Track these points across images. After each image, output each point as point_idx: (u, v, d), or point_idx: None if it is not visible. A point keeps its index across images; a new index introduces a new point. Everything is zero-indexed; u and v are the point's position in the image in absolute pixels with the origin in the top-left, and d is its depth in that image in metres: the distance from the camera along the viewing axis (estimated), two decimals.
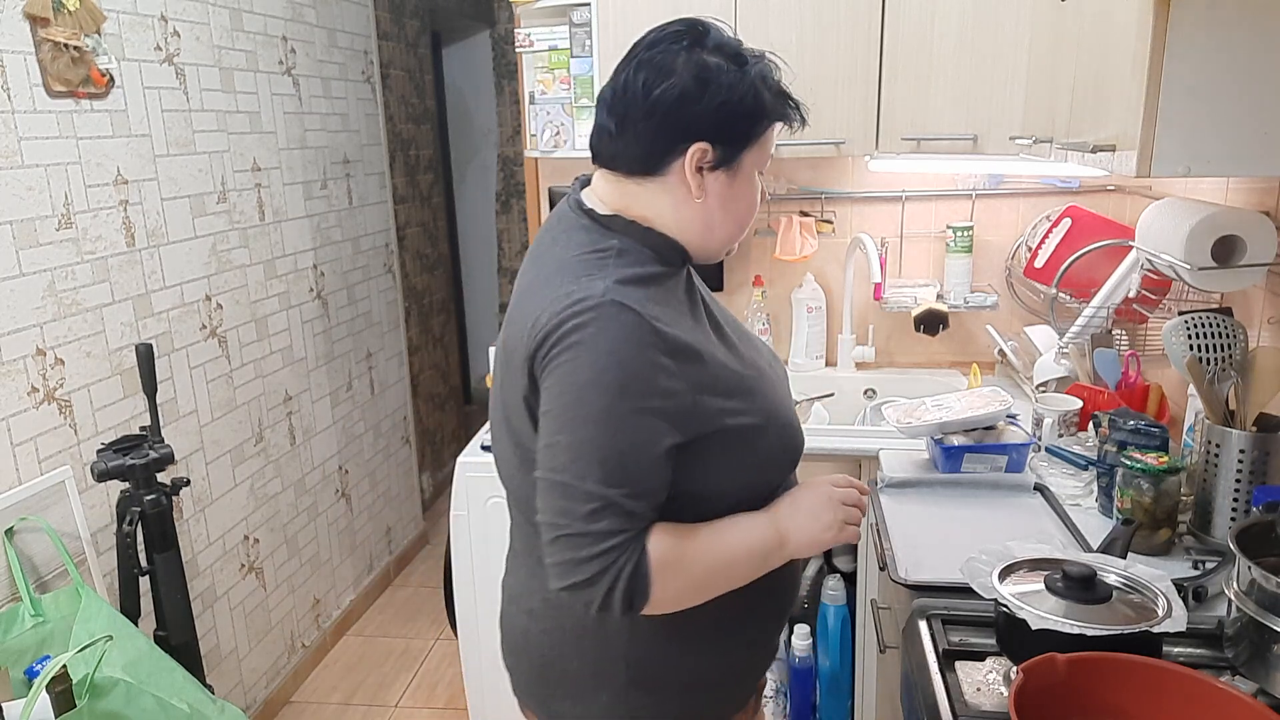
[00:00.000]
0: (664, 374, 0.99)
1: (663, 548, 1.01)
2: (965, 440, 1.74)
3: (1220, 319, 1.54)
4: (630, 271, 1.03)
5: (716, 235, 1.10)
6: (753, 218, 1.13)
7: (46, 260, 1.83)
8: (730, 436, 1.05)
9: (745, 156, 1.06)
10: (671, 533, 1.03)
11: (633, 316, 0.98)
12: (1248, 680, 1.06)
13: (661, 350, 0.99)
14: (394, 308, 3.54)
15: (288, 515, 2.75)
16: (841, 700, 2.19)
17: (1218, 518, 1.42)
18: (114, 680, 1.53)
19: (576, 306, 0.98)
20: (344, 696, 2.76)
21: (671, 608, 1.04)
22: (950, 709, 1.05)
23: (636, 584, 0.99)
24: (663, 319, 1.01)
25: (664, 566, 1.00)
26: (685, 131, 1.03)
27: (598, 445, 0.97)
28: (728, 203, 1.08)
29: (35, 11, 1.78)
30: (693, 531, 1.05)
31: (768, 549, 1.09)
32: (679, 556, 1.02)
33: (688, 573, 1.03)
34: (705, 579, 1.06)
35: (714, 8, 2.06)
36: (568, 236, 1.09)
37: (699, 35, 1.05)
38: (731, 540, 1.07)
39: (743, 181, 1.08)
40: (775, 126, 1.08)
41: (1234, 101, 1.09)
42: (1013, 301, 2.44)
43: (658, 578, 1.00)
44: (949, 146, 2.00)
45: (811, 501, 1.11)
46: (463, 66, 4.90)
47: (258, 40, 2.57)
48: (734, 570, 1.08)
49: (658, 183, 1.06)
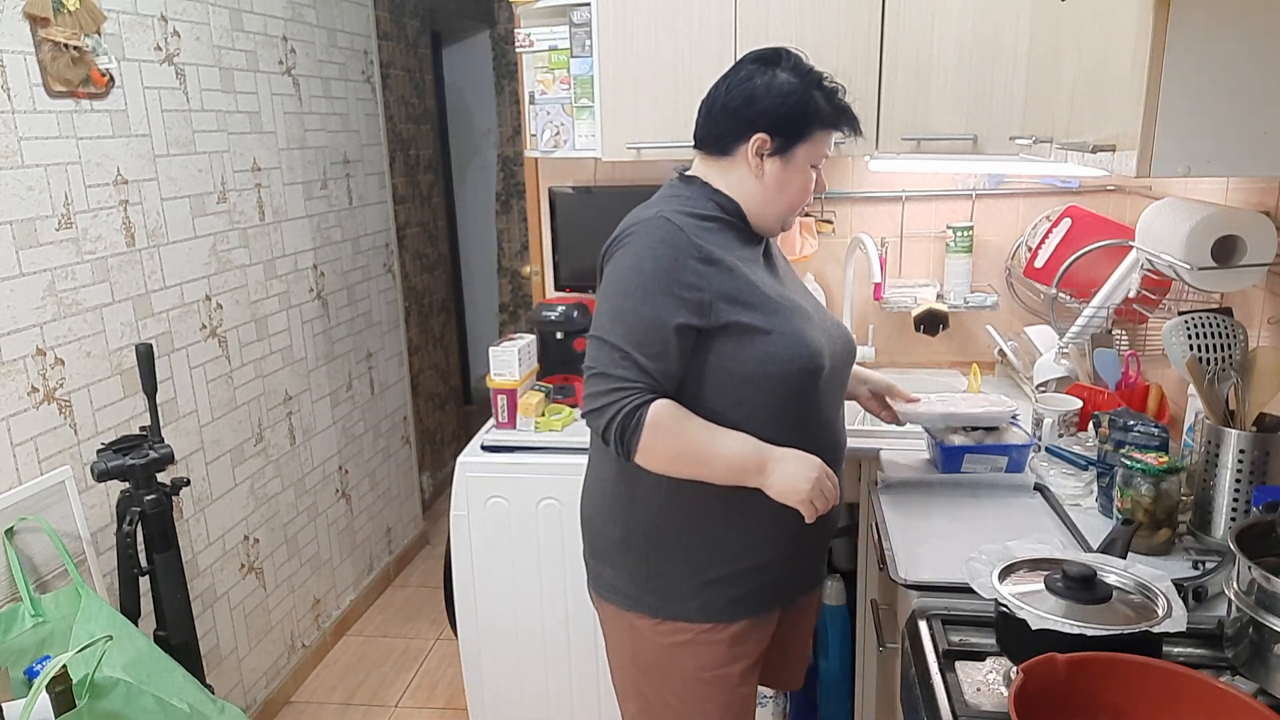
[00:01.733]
0: (691, 272, 1.30)
1: (662, 410, 1.29)
2: (965, 440, 1.74)
3: (1220, 319, 1.54)
4: (690, 208, 1.36)
5: (771, 209, 1.40)
6: (804, 200, 1.42)
7: (46, 260, 1.83)
8: (739, 329, 1.32)
9: (798, 150, 1.36)
10: (676, 406, 1.31)
11: (674, 228, 1.31)
12: (1248, 680, 1.06)
13: (694, 256, 1.30)
14: (394, 308, 3.54)
15: (288, 515, 2.75)
16: (841, 700, 2.19)
17: (1218, 518, 1.42)
18: (114, 680, 1.53)
19: (634, 220, 1.36)
20: (344, 696, 2.76)
21: (654, 463, 1.32)
22: (950, 709, 1.05)
23: (629, 424, 1.28)
24: (706, 239, 1.32)
25: (657, 423, 1.28)
26: (751, 124, 1.35)
27: (626, 311, 1.30)
28: (781, 184, 1.38)
29: (35, 11, 1.78)
30: (693, 416, 1.32)
31: (746, 464, 1.32)
32: (672, 422, 1.30)
33: (673, 439, 1.30)
34: (685, 452, 1.31)
35: (715, 8, 2.06)
36: (660, 192, 1.45)
37: (776, 58, 1.37)
38: (720, 437, 1.32)
39: (795, 170, 1.38)
40: (830, 132, 1.38)
41: (1234, 101, 1.09)
42: (1013, 301, 2.44)
43: (649, 429, 1.28)
44: (949, 146, 2.00)
45: (804, 465, 1.33)
46: (463, 66, 4.89)
47: (258, 40, 2.57)
48: (712, 460, 1.32)
49: (729, 161, 1.39)
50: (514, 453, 2.10)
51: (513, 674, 2.18)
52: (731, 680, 1.46)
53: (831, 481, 1.35)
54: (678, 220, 1.32)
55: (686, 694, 1.46)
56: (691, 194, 1.39)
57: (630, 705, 1.55)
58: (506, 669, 2.19)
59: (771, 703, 2.26)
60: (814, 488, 1.31)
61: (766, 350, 1.33)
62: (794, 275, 1.54)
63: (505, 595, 2.14)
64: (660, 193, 1.44)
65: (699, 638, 1.43)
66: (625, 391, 1.29)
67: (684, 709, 1.47)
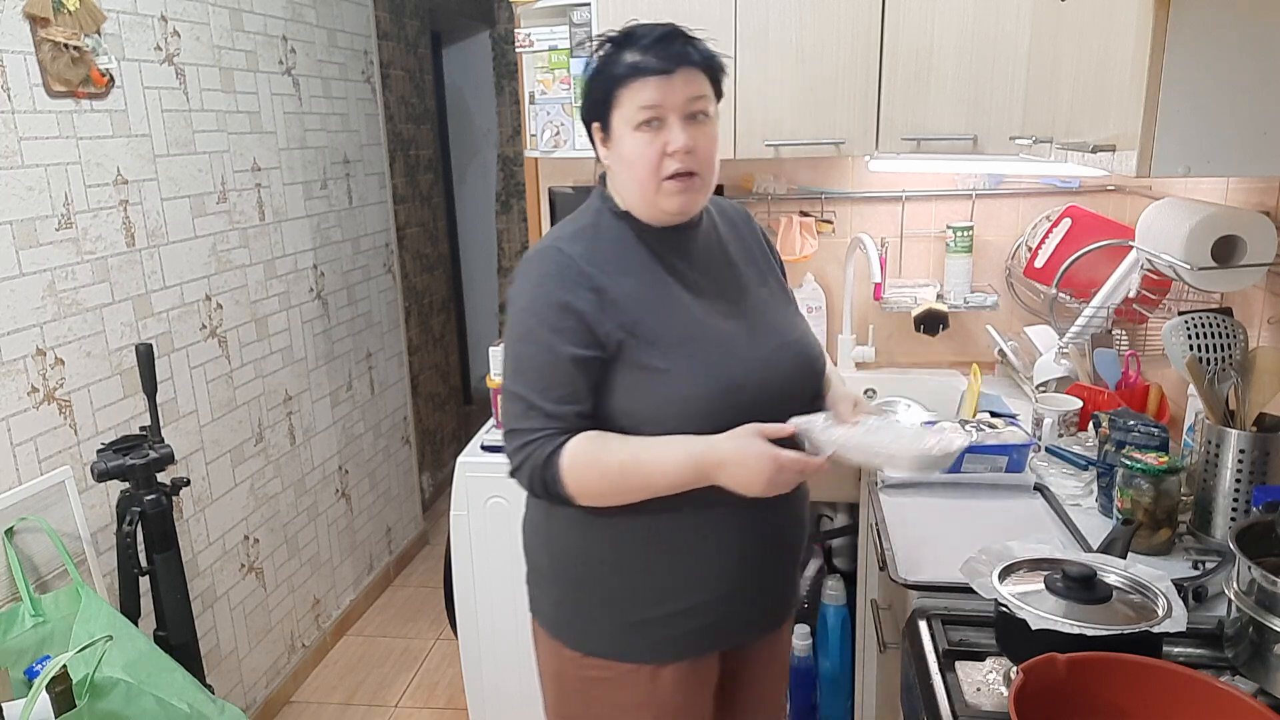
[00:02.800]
0: (582, 302, 1.19)
1: (577, 447, 1.20)
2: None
3: (1220, 319, 1.54)
4: (591, 221, 1.28)
5: (636, 194, 1.25)
6: (649, 168, 1.21)
7: (46, 260, 1.83)
8: (638, 369, 1.21)
9: (613, 121, 1.22)
10: (591, 438, 1.21)
11: (562, 259, 1.22)
12: (1248, 680, 1.06)
13: (584, 286, 1.20)
14: (394, 308, 3.54)
15: (288, 515, 2.75)
16: (841, 700, 2.19)
17: (1218, 518, 1.42)
18: (114, 680, 1.53)
19: (529, 252, 1.28)
20: (344, 696, 2.76)
21: (592, 499, 1.22)
22: (950, 709, 1.05)
23: (548, 475, 1.20)
24: (598, 264, 1.22)
25: (574, 464, 1.20)
26: (586, 121, 1.28)
27: (523, 358, 1.23)
28: (620, 163, 1.24)
29: (35, 11, 1.78)
30: (614, 437, 1.22)
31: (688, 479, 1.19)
32: (590, 459, 1.20)
33: (596, 475, 1.21)
34: (618, 484, 1.21)
35: (714, 8, 2.06)
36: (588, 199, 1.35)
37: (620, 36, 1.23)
38: (649, 456, 1.20)
39: (620, 141, 1.22)
40: (635, 80, 1.19)
41: (1234, 101, 1.09)
42: (1013, 301, 2.44)
43: (568, 473, 1.20)
44: (949, 146, 2.00)
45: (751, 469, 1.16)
46: (463, 66, 4.89)
47: (258, 40, 2.57)
48: (650, 485, 1.21)
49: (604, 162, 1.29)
50: None
51: (513, 674, 2.18)
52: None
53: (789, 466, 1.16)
54: (570, 248, 1.23)
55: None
56: (600, 204, 1.29)
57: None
58: (506, 669, 2.18)
59: None
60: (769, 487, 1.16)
61: (665, 392, 1.21)
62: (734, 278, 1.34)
63: (505, 595, 2.14)
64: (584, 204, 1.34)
65: (622, 677, 1.32)
66: (534, 444, 1.21)
67: None
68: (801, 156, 2.26)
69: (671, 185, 1.21)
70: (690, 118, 1.21)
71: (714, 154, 1.25)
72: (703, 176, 1.23)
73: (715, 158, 1.26)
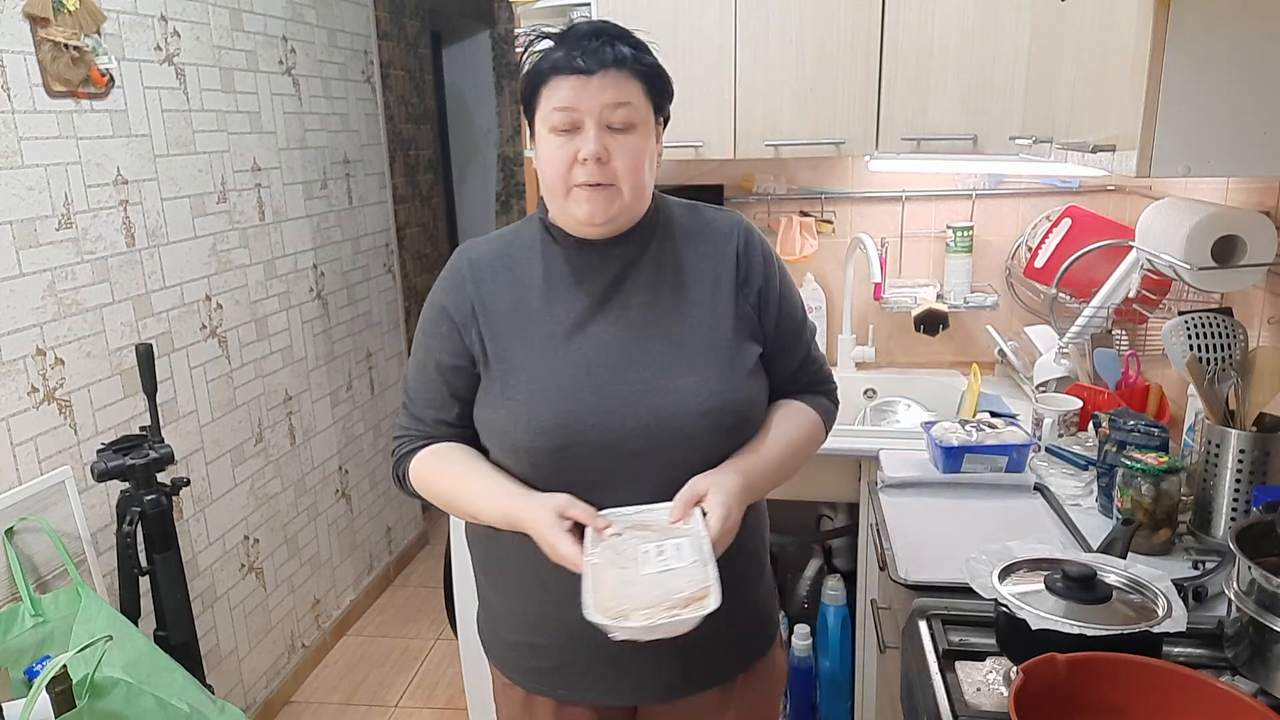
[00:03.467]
0: (454, 310, 1.17)
1: (422, 459, 1.21)
2: (963, 442, 1.74)
3: (1220, 319, 1.54)
4: (508, 234, 1.23)
5: (549, 197, 1.16)
6: (558, 172, 1.10)
7: (46, 260, 1.83)
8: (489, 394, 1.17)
9: (535, 122, 1.14)
10: (438, 451, 1.21)
11: (461, 261, 1.21)
12: (1248, 680, 1.06)
13: (467, 292, 1.18)
14: (394, 308, 3.54)
15: (288, 515, 2.75)
16: (841, 700, 2.19)
17: (1218, 518, 1.42)
18: (114, 680, 1.53)
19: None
20: (344, 696, 2.75)
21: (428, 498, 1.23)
22: (950, 709, 1.05)
23: (399, 475, 1.24)
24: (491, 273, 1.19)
25: (418, 472, 1.22)
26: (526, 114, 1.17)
27: (413, 359, 1.25)
28: (540, 166, 1.14)
29: (35, 11, 1.78)
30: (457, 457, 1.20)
31: (495, 517, 1.15)
32: (429, 474, 1.21)
33: (429, 491, 1.22)
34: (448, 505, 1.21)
35: (714, 8, 2.06)
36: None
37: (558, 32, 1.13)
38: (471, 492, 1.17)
39: (539, 143, 1.13)
40: (553, 78, 1.10)
41: (1234, 101, 1.09)
42: (1013, 301, 2.44)
43: (414, 479, 1.22)
44: (949, 146, 2.00)
45: (536, 529, 1.07)
46: (463, 66, 4.89)
47: (258, 40, 2.57)
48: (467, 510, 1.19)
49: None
50: None
51: None
52: None
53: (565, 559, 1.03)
54: (473, 253, 1.21)
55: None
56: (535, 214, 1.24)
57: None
58: None
59: None
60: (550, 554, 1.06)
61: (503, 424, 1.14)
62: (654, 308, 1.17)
63: None
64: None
65: (501, 688, 1.31)
66: (399, 440, 1.25)
67: None
68: (801, 156, 2.26)
69: (580, 193, 1.10)
70: (609, 127, 1.08)
71: (638, 167, 1.11)
72: (620, 189, 1.10)
73: (640, 171, 1.11)
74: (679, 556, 1.03)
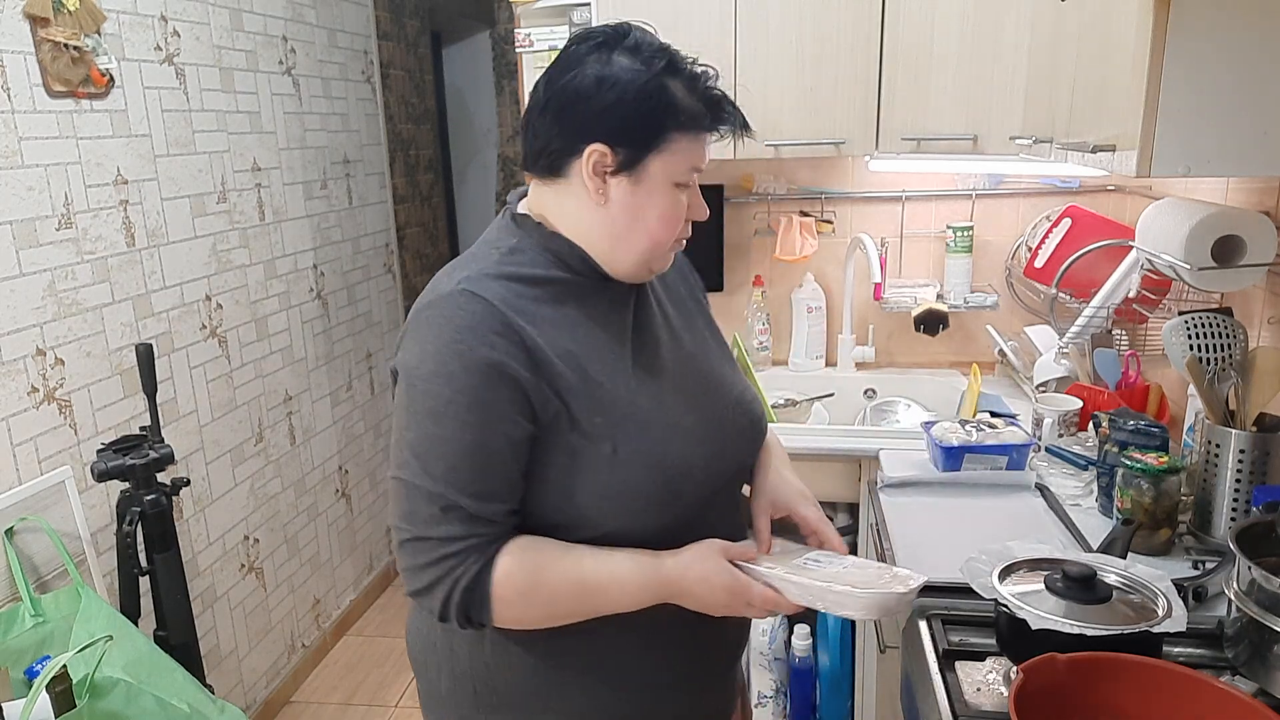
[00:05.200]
0: (511, 362, 0.92)
1: (512, 564, 0.94)
2: (964, 442, 1.74)
3: (1220, 319, 1.54)
4: (511, 269, 0.99)
5: (625, 248, 1.01)
6: (674, 234, 1.02)
7: (46, 260, 1.83)
8: (574, 452, 0.96)
9: (651, 163, 0.98)
10: (526, 550, 0.96)
11: (481, 305, 0.93)
12: (1248, 680, 1.06)
13: (512, 341, 0.93)
14: (394, 308, 3.54)
15: (288, 515, 2.75)
16: (841, 700, 2.19)
17: (1218, 518, 1.42)
18: (114, 680, 1.53)
19: (429, 296, 0.96)
20: (344, 696, 2.76)
21: (516, 626, 0.99)
22: (950, 709, 1.05)
23: (473, 598, 0.94)
24: (529, 316, 0.96)
25: (509, 583, 0.94)
26: (580, 130, 0.97)
27: (438, 440, 0.92)
28: (634, 213, 0.99)
29: (35, 11, 1.78)
30: (557, 549, 0.97)
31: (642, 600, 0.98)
32: (528, 583, 0.95)
33: (535, 602, 0.96)
34: (556, 612, 0.98)
35: (714, 8, 2.06)
36: (485, 234, 1.07)
37: (616, 36, 0.99)
38: (597, 574, 0.97)
39: (651, 190, 0.99)
40: (700, 136, 0.99)
41: (1234, 101, 1.09)
42: (1013, 301, 2.44)
43: (499, 603, 0.94)
44: (949, 146, 2.00)
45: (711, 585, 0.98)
46: (463, 66, 4.89)
47: (258, 40, 2.57)
48: (597, 608, 0.98)
49: (562, 185, 1.00)
50: None
51: None
52: None
53: (759, 604, 0.98)
54: (486, 291, 0.95)
55: None
56: (519, 243, 1.01)
57: None
58: None
59: (771, 703, 2.26)
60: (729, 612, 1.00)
61: (608, 479, 0.97)
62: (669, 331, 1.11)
63: None
64: (483, 238, 1.06)
65: None
66: (457, 557, 0.93)
67: None
68: (801, 156, 2.26)
69: (673, 247, 1.04)
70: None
71: None
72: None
73: None
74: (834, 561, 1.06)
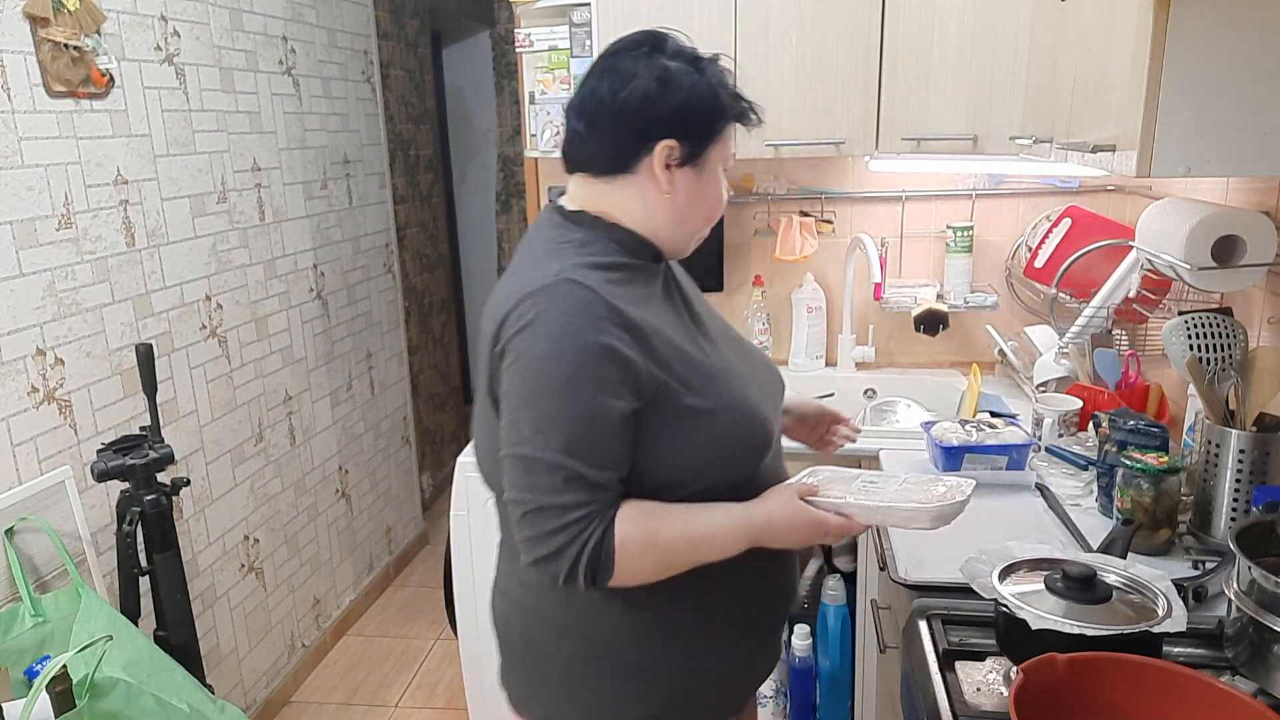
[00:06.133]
0: (619, 344, 1.04)
1: (631, 527, 1.05)
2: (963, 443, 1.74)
3: (1220, 319, 1.54)
4: (589, 259, 1.09)
5: (686, 228, 1.17)
6: (720, 212, 1.19)
7: (46, 260, 1.83)
8: (681, 415, 1.09)
9: (710, 153, 1.13)
10: (640, 508, 1.07)
11: (586, 293, 1.04)
12: (1248, 680, 1.06)
13: (616, 323, 1.04)
14: (394, 308, 3.54)
15: (288, 515, 2.75)
16: (841, 700, 2.19)
17: (1218, 518, 1.42)
18: (114, 680, 1.53)
19: (532, 287, 1.05)
20: (344, 696, 2.76)
21: (633, 582, 1.08)
22: (950, 709, 1.05)
23: (600, 557, 1.03)
24: (621, 299, 1.06)
25: (629, 542, 1.05)
26: (651, 130, 1.10)
27: (557, 415, 1.02)
28: (695, 197, 1.15)
29: (35, 11, 1.78)
30: (662, 509, 1.09)
31: (738, 545, 1.11)
32: (646, 539, 1.06)
33: (653, 555, 1.07)
34: (670, 562, 1.09)
35: (714, 9, 2.06)
36: (539, 234, 1.17)
37: (657, 43, 1.12)
38: (699, 527, 1.10)
39: (708, 177, 1.15)
40: (733, 126, 1.16)
41: (1234, 101, 1.09)
42: (1013, 301, 2.44)
43: (622, 558, 1.04)
44: (949, 146, 2.00)
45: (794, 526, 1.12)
46: (463, 66, 4.89)
47: (258, 40, 2.57)
48: (700, 557, 1.10)
49: (627, 180, 1.12)
50: None
51: None
52: None
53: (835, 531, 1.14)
54: (586, 279, 1.05)
55: None
56: (585, 236, 1.12)
57: None
58: None
59: (771, 703, 2.26)
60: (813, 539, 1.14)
61: (708, 435, 1.10)
62: (701, 302, 1.28)
63: None
64: (543, 236, 1.15)
65: None
66: (582, 521, 1.03)
67: None
68: (801, 156, 2.27)
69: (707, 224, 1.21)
70: None
71: None
72: None
73: None
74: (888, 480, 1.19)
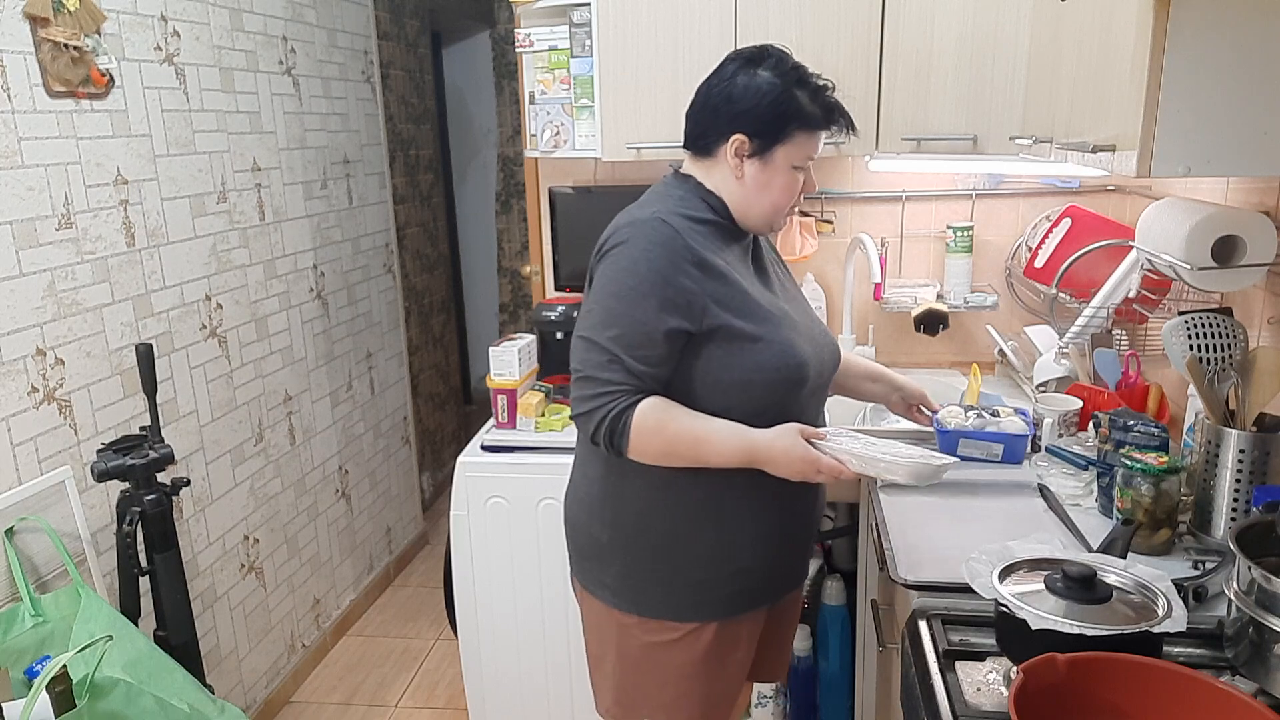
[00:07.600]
0: (685, 276, 1.30)
1: (649, 410, 1.32)
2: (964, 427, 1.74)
3: (1220, 319, 1.54)
4: (681, 210, 1.37)
5: (754, 210, 1.41)
6: (789, 202, 1.42)
7: (46, 260, 1.83)
8: (729, 336, 1.33)
9: (777, 151, 1.36)
10: (661, 404, 1.33)
11: (670, 230, 1.32)
12: (1248, 680, 1.06)
13: (689, 260, 1.31)
14: (394, 308, 3.54)
15: (288, 515, 2.75)
16: (841, 700, 2.19)
17: (1218, 518, 1.42)
18: (114, 680, 1.53)
19: (629, 220, 1.36)
20: (344, 696, 2.76)
21: (646, 459, 1.35)
22: (950, 709, 1.05)
23: (617, 427, 1.32)
24: (699, 243, 1.33)
25: (643, 424, 1.32)
26: (729, 124, 1.35)
27: (619, 314, 1.31)
28: (761, 186, 1.38)
29: (35, 11, 1.78)
30: (681, 408, 1.35)
31: (735, 458, 1.35)
32: (657, 424, 1.32)
33: (660, 439, 1.33)
34: (674, 450, 1.34)
35: (715, 8, 2.06)
36: (656, 188, 1.46)
37: (759, 56, 1.37)
38: (706, 433, 1.34)
39: (775, 171, 1.37)
40: (815, 133, 1.37)
41: (1234, 101, 1.09)
42: (1013, 301, 2.44)
43: (636, 432, 1.32)
44: (949, 146, 2.00)
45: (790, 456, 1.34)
46: (463, 66, 4.89)
47: (258, 40, 2.57)
48: (701, 457, 1.34)
49: (711, 161, 1.40)
50: (514, 453, 2.10)
51: (512, 674, 2.18)
52: (714, 674, 1.48)
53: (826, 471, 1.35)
54: (673, 222, 1.33)
55: (671, 688, 1.49)
56: (684, 193, 1.40)
57: (607, 695, 1.57)
58: (506, 669, 2.19)
59: (771, 703, 2.26)
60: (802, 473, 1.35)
61: (755, 358, 1.34)
62: (788, 279, 1.55)
63: (505, 595, 2.14)
64: (653, 190, 1.45)
65: (685, 637, 1.45)
66: (612, 395, 1.32)
67: (665, 700, 1.49)
68: None
69: (789, 213, 1.46)
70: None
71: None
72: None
73: None
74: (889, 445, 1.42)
